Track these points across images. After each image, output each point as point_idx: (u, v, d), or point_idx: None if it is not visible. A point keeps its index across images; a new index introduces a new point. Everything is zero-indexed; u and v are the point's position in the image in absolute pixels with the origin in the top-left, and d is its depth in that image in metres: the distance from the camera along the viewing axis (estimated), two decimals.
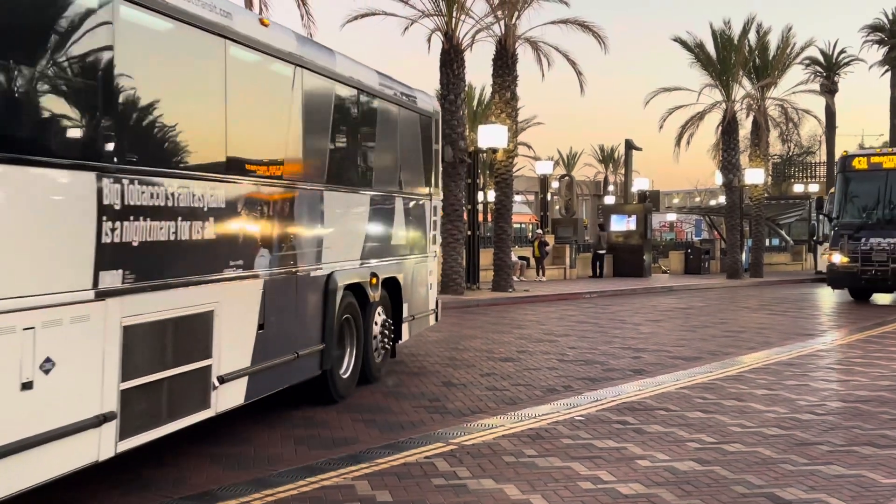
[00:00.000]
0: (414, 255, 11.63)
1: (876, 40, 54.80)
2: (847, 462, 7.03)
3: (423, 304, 12.10)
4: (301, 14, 20.58)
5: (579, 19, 26.34)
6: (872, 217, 22.78)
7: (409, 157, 11.56)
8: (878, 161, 23.36)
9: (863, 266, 22.19)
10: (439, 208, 12.82)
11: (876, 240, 22.17)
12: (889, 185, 22.75)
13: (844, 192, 23.60)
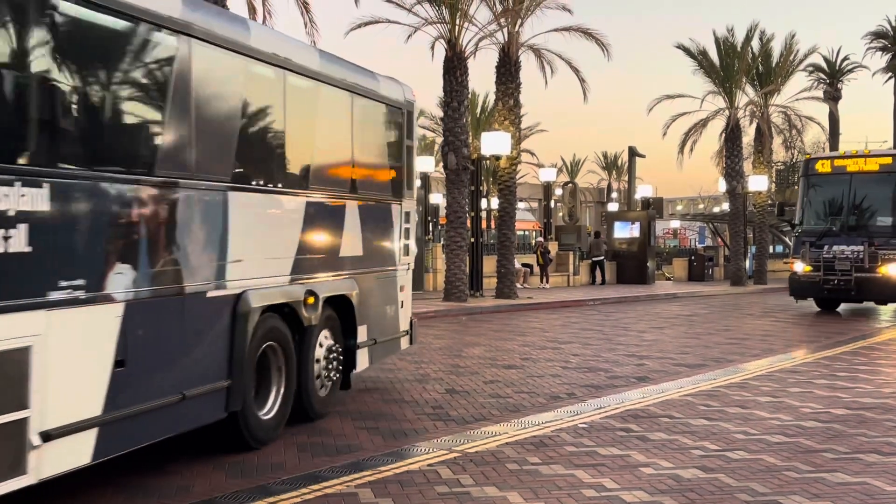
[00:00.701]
0: (375, 269, 9.97)
1: (879, 47, 54.81)
2: (852, 469, 7.00)
3: (389, 326, 10.44)
4: (304, 22, 20.62)
5: (582, 27, 26.40)
6: (836, 223, 21.55)
7: (367, 155, 9.98)
8: (842, 164, 22.08)
9: (825, 275, 20.97)
10: (414, 214, 11.00)
11: (839, 247, 20.95)
12: (853, 189, 21.56)
13: (807, 197, 22.48)
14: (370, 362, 9.99)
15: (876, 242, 20.42)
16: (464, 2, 23.82)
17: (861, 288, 20.54)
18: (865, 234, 20.73)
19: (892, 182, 21.14)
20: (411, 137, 10.93)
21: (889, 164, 21.32)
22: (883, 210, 21.33)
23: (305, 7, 20.51)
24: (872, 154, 22.32)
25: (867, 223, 21.13)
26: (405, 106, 10.82)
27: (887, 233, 20.82)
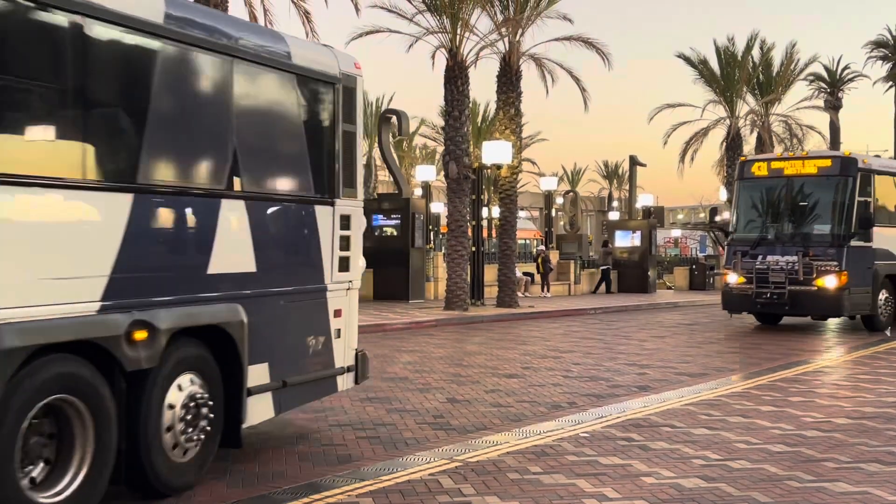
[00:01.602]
0: (284, 290, 7.71)
1: (880, 56, 54.86)
2: (853, 479, 6.99)
3: (312, 363, 8.09)
4: (306, 31, 20.66)
5: (583, 36, 26.48)
6: (771, 231, 19.70)
7: (265, 140, 7.67)
8: (779, 167, 19.94)
9: (758, 287, 19.02)
10: (359, 218, 8.63)
11: (774, 257, 19.02)
12: (790, 193, 19.62)
13: (742, 202, 20.43)
14: (277, 411, 7.67)
15: (812, 252, 18.59)
16: (465, 11, 23.87)
17: (796, 302, 18.74)
18: (802, 244, 18.87)
19: (831, 186, 19.20)
20: (352, 121, 8.49)
21: (828, 167, 19.31)
22: (821, 217, 19.44)
23: (307, 17, 20.58)
24: (811, 155, 20.50)
25: (804, 231, 19.21)
26: (339, 80, 8.33)
27: (825, 242, 18.89)
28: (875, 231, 18.97)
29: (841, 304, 18.54)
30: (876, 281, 19.03)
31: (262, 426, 8.95)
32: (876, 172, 19.49)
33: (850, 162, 19.12)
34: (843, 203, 18.85)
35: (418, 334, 18.60)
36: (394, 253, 26.58)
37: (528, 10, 25.07)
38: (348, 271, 8.51)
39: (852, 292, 18.43)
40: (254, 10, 20.46)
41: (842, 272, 18.30)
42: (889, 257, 19.56)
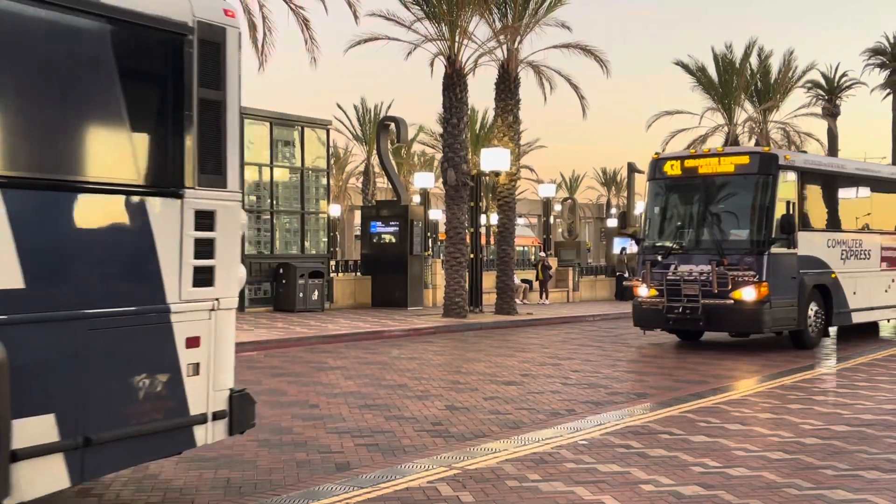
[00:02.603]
0: (89, 312, 5.65)
1: (877, 63, 54.94)
2: (852, 486, 6.98)
3: (145, 410, 5.98)
4: (305, 38, 20.73)
5: (581, 44, 26.50)
6: (684, 238, 17.43)
7: (50, 107, 5.57)
8: (693, 165, 17.53)
9: (670, 301, 16.76)
10: (226, 216, 6.42)
11: (687, 267, 16.72)
12: (705, 195, 17.40)
13: (654, 205, 18.14)
14: (77, 477, 5.60)
15: (727, 261, 16.29)
16: (463, 19, 23.91)
17: (711, 317, 16.43)
18: (717, 251, 16.56)
19: (749, 186, 16.91)
20: (217, 85, 6.36)
21: (746, 165, 16.96)
22: (738, 221, 17.21)
23: (305, 24, 20.62)
24: (727, 152, 17.91)
25: (720, 237, 16.89)
26: (192, 30, 6.23)
27: (742, 249, 16.60)
28: (800, 236, 16.89)
29: (761, 320, 16.19)
30: (802, 292, 16.87)
31: (260, 433, 8.96)
32: (801, 170, 17.48)
33: (770, 158, 16.93)
34: (763, 205, 16.59)
35: (417, 341, 18.59)
36: (392, 260, 26.61)
37: (526, 18, 25.12)
38: (212, 286, 6.31)
39: (774, 305, 16.22)
40: (252, 17, 20.50)
41: (761, 283, 16.10)
42: (817, 265, 17.47)
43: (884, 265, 19.55)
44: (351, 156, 59.38)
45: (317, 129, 26.26)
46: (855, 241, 18.61)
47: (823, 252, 17.65)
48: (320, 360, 15.14)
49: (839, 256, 18.06)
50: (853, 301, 18.25)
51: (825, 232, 17.97)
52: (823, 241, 17.76)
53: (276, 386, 12.30)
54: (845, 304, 18.06)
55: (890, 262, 19.73)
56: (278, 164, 25.18)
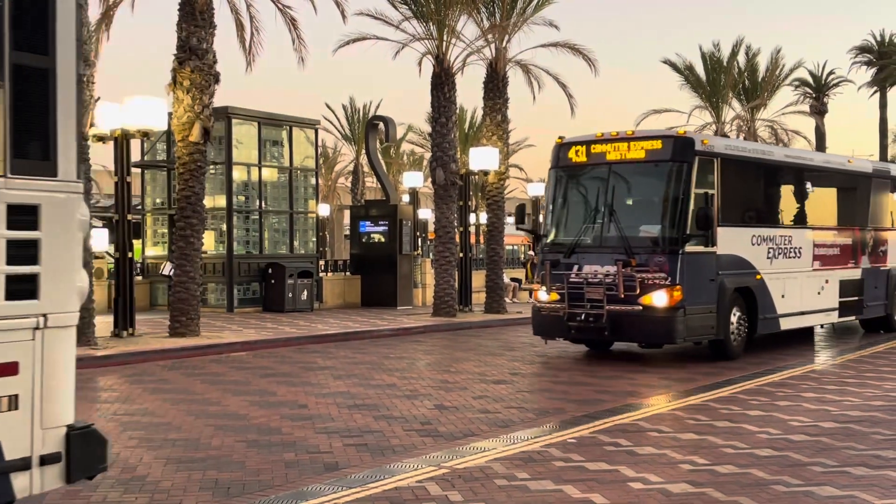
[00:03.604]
0: None
1: (864, 61, 55.24)
2: (840, 483, 7.00)
3: None
4: (292, 38, 20.64)
5: (569, 42, 26.48)
6: (589, 234, 14.97)
7: None
8: (600, 150, 15.14)
9: (571, 307, 14.49)
10: (58, 213, 5.12)
11: (591, 268, 14.48)
12: (613, 185, 14.91)
13: (555, 196, 15.80)
14: None
15: (634, 261, 14.10)
16: (451, 18, 23.90)
17: (617, 326, 14.29)
18: (624, 249, 14.29)
19: (662, 175, 14.75)
20: (45, 48, 5.11)
21: (658, 150, 14.66)
22: (648, 215, 15.12)
23: (293, 24, 20.54)
24: (638, 136, 15.22)
25: (627, 234, 14.46)
26: None
27: (653, 247, 14.43)
28: (720, 232, 14.60)
29: (673, 328, 13.99)
30: (723, 296, 14.68)
31: (249, 434, 8.95)
32: (721, 157, 15.04)
33: (686, 143, 14.59)
34: (677, 196, 14.35)
35: (406, 341, 18.58)
36: (381, 259, 26.60)
37: (514, 17, 25.11)
38: (34, 298, 5.01)
39: (689, 312, 14.07)
40: (240, 16, 20.43)
41: (674, 286, 13.90)
42: (740, 266, 15.30)
43: (817, 264, 17.33)
44: (340, 155, 59.31)
45: (305, 129, 26.21)
46: (784, 238, 16.49)
47: (747, 250, 15.49)
48: (309, 361, 15.12)
49: (765, 255, 15.90)
50: (782, 305, 16.13)
51: (749, 227, 15.86)
52: (747, 238, 15.59)
53: (266, 386, 12.28)
54: (772, 309, 15.92)
55: (824, 261, 17.52)
56: (267, 164, 25.13)
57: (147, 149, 25.46)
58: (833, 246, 17.91)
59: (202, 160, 18.02)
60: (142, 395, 11.64)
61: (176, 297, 17.57)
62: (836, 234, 18.11)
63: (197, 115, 17.63)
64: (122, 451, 8.39)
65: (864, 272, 18.68)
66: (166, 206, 24.96)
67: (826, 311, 17.58)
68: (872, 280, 18.89)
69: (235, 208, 24.09)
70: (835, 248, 17.96)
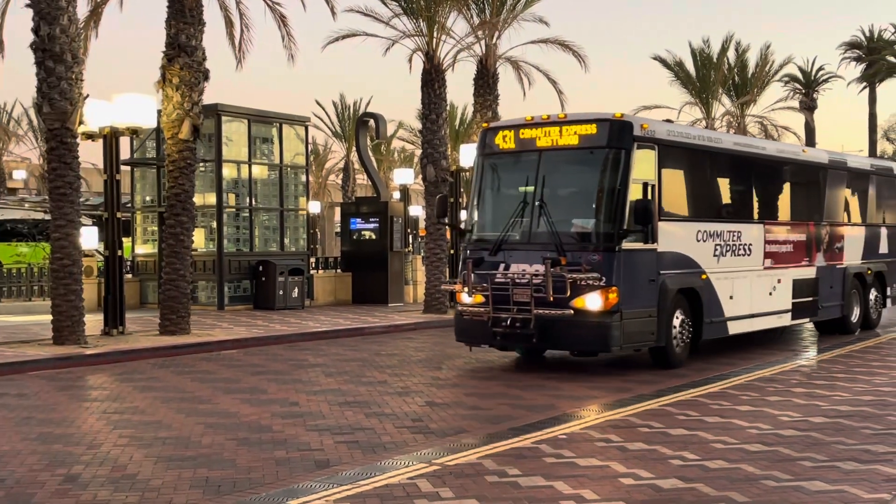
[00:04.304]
0: None
1: (854, 57, 55.46)
2: (829, 478, 7.03)
3: None
4: (282, 35, 20.59)
5: (559, 39, 26.49)
6: (517, 229, 13.32)
7: None
8: (530, 136, 13.55)
9: (496, 310, 12.96)
10: None
11: (519, 267, 12.95)
12: (544, 175, 13.27)
13: (481, 186, 14.28)
14: None
15: (565, 259, 12.58)
16: (441, 14, 23.88)
17: (546, 332, 12.79)
18: (555, 246, 12.74)
19: (596, 163, 13.29)
20: None
21: (593, 136, 13.15)
22: (582, 207, 13.53)
23: (283, 20, 20.50)
24: (570, 119, 13.46)
25: (558, 228, 12.88)
26: None
27: (586, 243, 12.92)
28: (661, 227, 13.22)
29: (608, 335, 12.52)
30: (664, 298, 13.21)
31: (240, 431, 8.93)
32: (663, 143, 13.56)
33: (623, 127, 13.06)
34: (613, 187, 12.89)
35: (397, 338, 18.57)
36: (372, 256, 26.56)
37: (504, 13, 25.10)
38: None
39: (627, 316, 12.64)
40: (229, 13, 20.38)
41: (609, 287, 12.45)
42: (684, 264, 13.85)
43: (768, 262, 15.93)
44: (330, 152, 59.29)
45: (295, 126, 26.16)
46: (732, 234, 15.05)
47: (692, 247, 14.05)
48: (300, 358, 15.10)
49: (712, 252, 14.48)
50: (730, 307, 14.74)
51: (694, 222, 14.35)
52: (692, 234, 14.15)
53: (256, 384, 12.26)
54: (720, 312, 14.52)
55: (776, 259, 16.14)
56: (257, 162, 25.07)
57: (136, 146, 25.37)
58: (786, 242, 16.59)
59: (192, 158, 17.97)
60: (132, 394, 11.61)
61: (166, 295, 17.53)
62: (789, 230, 16.77)
63: (186, 113, 17.58)
64: (113, 449, 8.37)
65: (818, 271, 17.37)
66: (156, 204, 24.88)
67: (778, 314, 16.23)
68: (828, 279, 17.61)
69: (225, 206, 24.04)
70: (788, 245, 16.63)
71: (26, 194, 49.34)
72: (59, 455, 8.17)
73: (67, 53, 15.72)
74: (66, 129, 15.76)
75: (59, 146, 15.77)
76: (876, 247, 19.62)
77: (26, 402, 11.01)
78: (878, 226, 19.93)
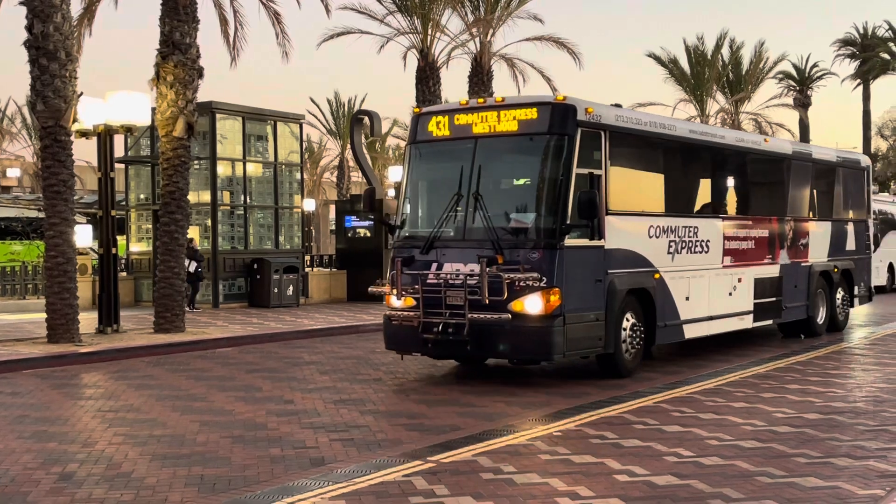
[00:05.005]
0: None
1: (848, 54, 55.57)
2: (823, 474, 7.05)
3: None
4: (276, 32, 20.60)
5: (554, 36, 26.57)
6: (451, 224, 12.06)
7: None
8: (466, 122, 12.28)
9: (427, 315, 11.73)
10: None
11: (453, 266, 11.73)
12: (479, 164, 11.99)
13: (413, 178, 12.95)
14: None
15: (502, 257, 11.40)
16: (435, 12, 23.91)
17: (481, 339, 11.54)
18: (491, 243, 11.48)
19: (538, 151, 12.07)
20: None
21: (533, 121, 11.90)
22: (521, 200, 12.41)
23: (277, 18, 20.50)
24: (509, 103, 12.19)
25: (495, 224, 11.63)
26: None
27: (525, 240, 11.61)
28: (609, 222, 12.08)
29: (550, 342, 11.30)
30: (612, 300, 12.03)
31: (235, 429, 8.93)
32: (611, 130, 12.34)
33: (565, 112, 11.79)
34: (556, 178, 11.67)
35: None
36: (367, 254, 26.56)
37: (498, 10, 25.14)
38: None
39: (570, 321, 11.42)
40: (223, 11, 20.37)
41: (551, 289, 11.24)
42: (635, 262, 12.67)
43: (728, 260, 14.75)
44: (325, 150, 59.27)
45: (290, 124, 26.15)
46: (688, 230, 13.84)
47: (643, 244, 12.88)
48: (295, 356, 15.09)
49: (666, 250, 13.30)
50: (686, 309, 13.64)
51: (646, 216, 13.14)
52: (643, 230, 12.96)
53: (251, 382, 12.25)
54: (674, 315, 13.40)
55: (736, 257, 14.98)
56: (251, 159, 25.06)
57: (131, 144, 25.35)
58: (747, 239, 15.39)
59: (186, 155, 17.96)
60: (126, 392, 11.60)
61: (160, 293, 17.51)
62: (750, 226, 15.55)
63: (181, 111, 17.57)
64: (107, 447, 8.37)
65: (782, 269, 16.23)
66: (150, 202, 24.86)
67: (739, 315, 15.09)
68: (792, 278, 16.47)
69: (220, 204, 24.01)
70: (749, 242, 15.44)
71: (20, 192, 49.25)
72: (53, 453, 8.16)
73: (61, 51, 15.69)
74: (61, 127, 15.74)
75: (53, 144, 15.75)
76: (843, 243, 18.50)
77: (20, 401, 10.99)
78: (846, 221, 18.73)
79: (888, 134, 66.04)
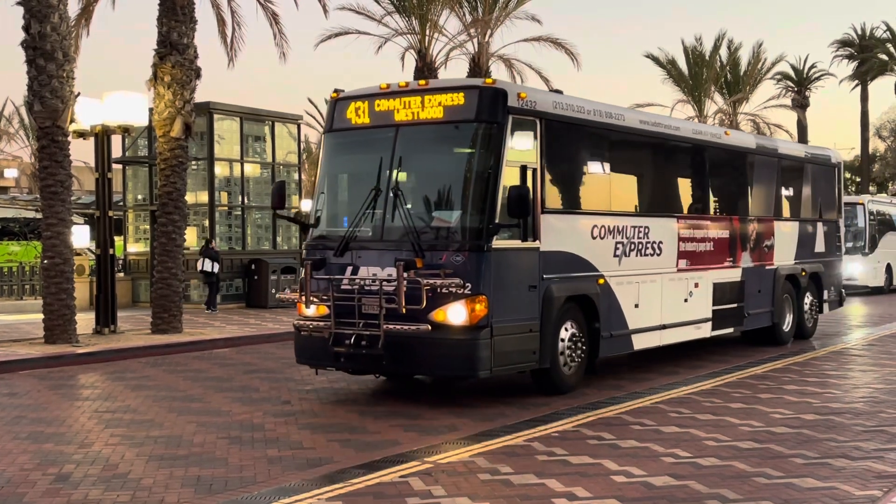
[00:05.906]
0: None
1: (846, 55, 55.61)
2: (821, 475, 7.04)
3: None
4: (274, 33, 20.59)
5: (552, 37, 26.56)
6: (368, 223, 10.72)
7: None
8: (388, 108, 10.95)
9: (339, 325, 10.39)
10: None
11: (370, 270, 10.45)
12: (401, 155, 10.67)
13: (328, 171, 11.69)
14: None
15: (421, 261, 10.10)
16: (433, 12, 23.91)
17: (398, 352, 10.13)
18: (411, 244, 10.18)
19: (464, 141, 10.83)
20: None
21: (460, 107, 10.59)
22: (445, 196, 10.87)
23: (274, 18, 20.50)
24: (433, 87, 10.94)
25: (416, 223, 10.32)
26: None
27: (448, 241, 10.24)
28: (545, 221, 10.82)
29: (475, 356, 9.99)
30: (549, 309, 10.72)
31: (232, 430, 8.91)
32: (548, 118, 11.07)
33: (495, 97, 10.55)
34: (483, 171, 10.40)
35: None
36: None
37: (496, 11, 25.14)
38: None
39: (499, 332, 10.09)
40: (221, 11, 20.36)
41: (476, 296, 9.95)
42: (575, 266, 11.37)
43: (683, 263, 13.44)
44: None
45: (288, 124, 26.14)
46: (638, 230, 12.55)
47: (586, 246, 11.59)
48: (292, 356, 15.03)
49: (612, 252, 12.03)
50: (635, 318, 12.36)
51: (589, 215, 11.86)
52: (586, 230, 11.69)
53: (248, 382, 12.25)
54: (622, 324, 12.13)
55: (692, 260, 13.68)
56: (249, 160, 25.05)
57: (128, 144, 25.34)
58: (705, 240, 14.09)
59: (183, 156, 17.94)
60: (124, 393, 11.58)
61: (158, 294, 17.50)
62: (709, 225, 14.26)
63: (178, 111, 17.55)
64: (104, 448, 8.35)
65: (744, 273, 14.89)
66: (148, 203, 24.85)
67: (696, 324, 13.75)
68: (755, 282, 15.14)
69: (217, 204, 24.00)
70: (707, 243, 14.13)
71: (18, 193, 49.22)
72: (50, 454, 8.15)
73: (59, 51, 15.68)
74: (58, 128, 15.72)
75: (50, 144, 15.74)
76: (811, 245, 17.09)
77: (17, 402, 10.98)
78: (814, 221, 17.30)
79: (886, 135, 66.06)
